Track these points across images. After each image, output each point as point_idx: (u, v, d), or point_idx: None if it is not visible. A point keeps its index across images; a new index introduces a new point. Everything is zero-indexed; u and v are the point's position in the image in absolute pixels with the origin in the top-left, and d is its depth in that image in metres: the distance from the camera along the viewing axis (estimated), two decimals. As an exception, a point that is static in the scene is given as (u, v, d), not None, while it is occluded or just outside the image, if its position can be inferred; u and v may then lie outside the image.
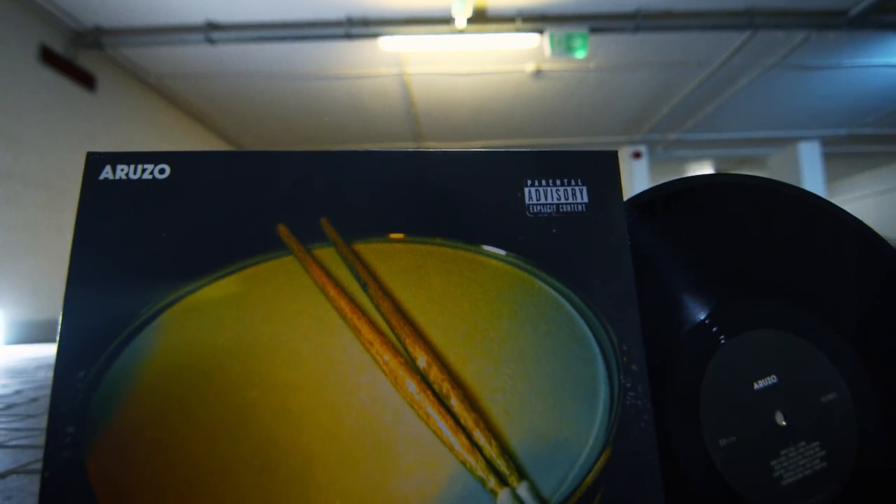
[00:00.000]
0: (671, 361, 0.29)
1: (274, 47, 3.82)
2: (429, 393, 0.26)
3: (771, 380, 0.29)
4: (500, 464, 0.25)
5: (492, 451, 0.25)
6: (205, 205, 0.28)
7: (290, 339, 0.26)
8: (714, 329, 0.30)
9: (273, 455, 0.25)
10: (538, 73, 4.47)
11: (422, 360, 0.26)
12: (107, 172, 0.28)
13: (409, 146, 6.13)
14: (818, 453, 0.29)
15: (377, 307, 0.27)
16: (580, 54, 3.59)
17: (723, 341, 0.29)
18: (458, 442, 0.25)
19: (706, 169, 8.47)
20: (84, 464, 0.25)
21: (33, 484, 0.68)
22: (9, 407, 1.16)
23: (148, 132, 4.41)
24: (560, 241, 0.29)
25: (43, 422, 1.02)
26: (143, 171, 0.29)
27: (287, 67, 4.20)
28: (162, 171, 0.28)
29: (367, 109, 5.11)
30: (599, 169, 0.30)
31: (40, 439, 0.90)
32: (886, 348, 0.30)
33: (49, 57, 3.31)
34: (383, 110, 5.17)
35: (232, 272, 0.27)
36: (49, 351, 2.50)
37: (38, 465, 0.73)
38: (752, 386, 0.29)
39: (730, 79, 4.71)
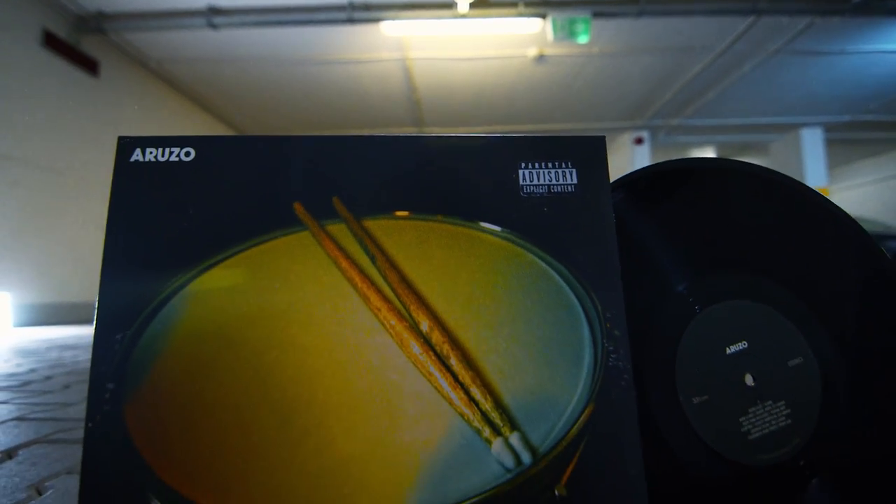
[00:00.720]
0: (651, 328, 0.32)
1: (275, 32, 3.80)
2: (431, 354, 0.29)
3: (742, 345, 0.32)
4: (495, 416, 0.28)
5: (487, 405, 0.28)
6: (227, 184, 0.31)
7: (305, 306, 0.29)
8: (690, 299, 0.33)
9: (291, 409, 0.28)
10: (540, 58, 4.44)
11: (424, 324, 0.29)
12: (137, 155, 0.31)
13: (411, 132, 6.11)
14: (783, 411, 0.32)
15: (384, 277, 0.30)
16: (583, 39, 3.57)
17: (698, 310, 0.32)
18: (457, 397, 0.28)
19: (708, 155, 8.43)
20: (123, 416, 0.28)
21: (55, 451, 0.72)
22: (26, 384, 1.20)
23: (150, 116, 4.41)
24: (551, 219, 0.31)
25: (58, 397, 1.06)
26: (171, 153, 0.31)
27: (289, 52, 4.19)
28: (188, 154, 0.31)
29: (368, 94, 5.09)
30: (588, 153, 0.33)
31: (57, 413, 0.94)
32: (851, 318, 0.33)
33: (52, 41, 3.31)
34: (385, 95, 5.15)
35: (252, 246, 0.30)
36: (57, 333, 2.54)
37: (59, 436, 0.77)
38: (725, 350, 0.32)
39: (733, 64, 4.68)
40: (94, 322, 0.29)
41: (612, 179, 0.34)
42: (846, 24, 3.91)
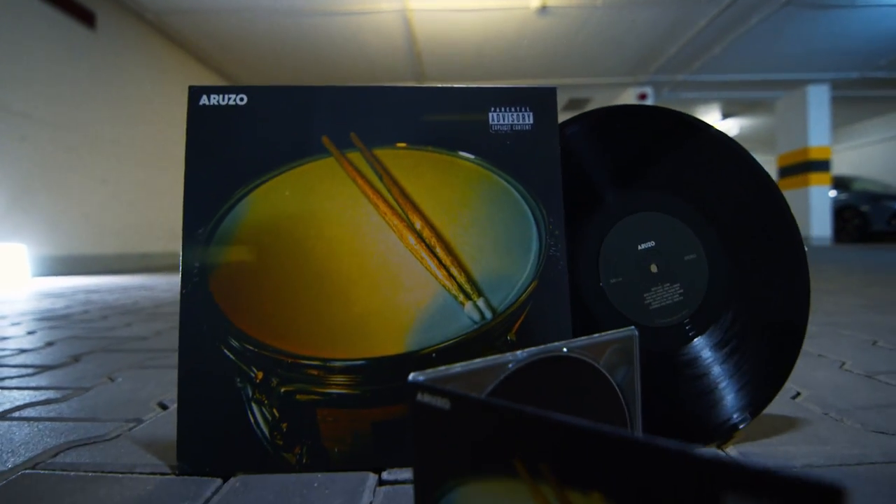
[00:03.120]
0: (583, 229, 0.44)
1: (273, -19, 3.74)
2: (422, 244, 0.41)
3: (650, 243, 0.44)
4: (467, 287, 0.40)
5: (461, 279, 0.40)
6: (272, 122, 0.42)
7: (333, 210, 0.41)
8: (614, 210, 0.44)
9: (324, 279, 0.40)
10: (543, 10, 4.36)
11: (418, 223, 0.41)
12: (203, 100, 0.42)
13: (412, 85, 6.06)
14: (678, 291, 0.44)
15: (389, 191, 0.41)
16: (586, -10, 3.50)
17: (620, 217, 0.44)
18: (441, 273, 0.40)
19: (713, 112, 8.35)
20: (207, 283, 0.40)
21: (111, 357, 0.86)
22: (67, 317, 1.34)
23: (148, 69, 4.40)
24: (512, 150, 0.43)
25: (100, 324, 1.20)
26: (228, 99, 0.42)
27: (287, 3, 4.12)
28: (241, 99, 0.42)
29: (368, 47, 5.03)
30: (542, 100, 0.43)
31: (104, 333, 1.08)
32: (734, 222, 0.45)
33: (48, -9, 3.28)
34: (385, 48, 5.09)
35: (293, 168, 0.41)
36: (75, 281, 2.69)
37: (112, 347, 0.91)
38: (637, 247, 0.44)
39: (740, 17, 4.58)
40: (183, 220, 0.41)
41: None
42: (855, -24, 3.82)
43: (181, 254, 0.41)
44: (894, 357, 0.73)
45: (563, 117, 0.48)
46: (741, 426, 0.42)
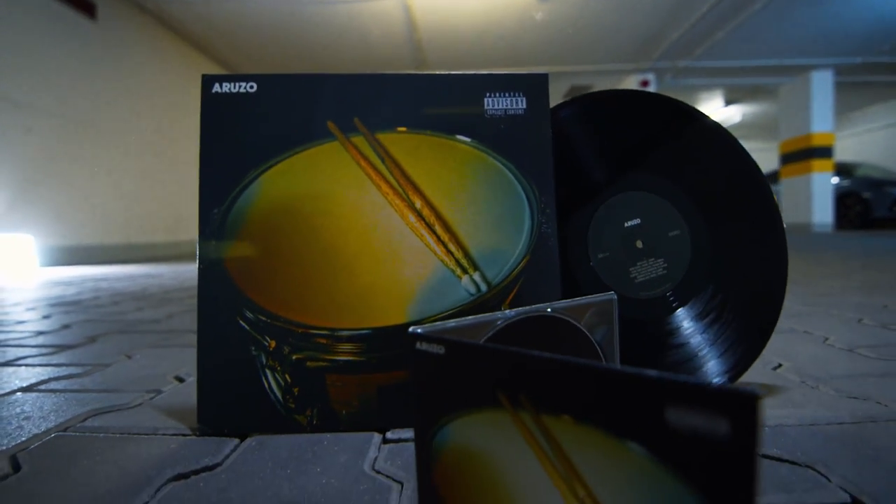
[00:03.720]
0: (573, 208, 0.47)
1: (273, -31, 3.72)
2: (422, 222, 0.44)
3: (636, 221, 0.47)
4: (464, 262, 0.43)
5: (458, 254, 0.43)
6: (281, 108, 0.44)
7: (339, 190, 0.44)
8: (603, 189, 0.47)
9: (331, 254, 0.43)
10: (544, -3, 4.33)
11: (418, 203, 0.44)
12: (216, 88, 0.45)
13: (412, 72, 6.04)
14: (662, 265, 0.47)
15: (390, 172, 0.44)
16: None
17: (608, 196, 0.46)
18: (439, 249, 0.43)
19: (716, 98, 8.29)
20: (224, 261, 0.43)
21: (126, 338, 0.89)
22: (78, 302, 1.38)
23: (150, 59, 4.40)
24: (506, 133, 0.45)
25: (112, 308, 1.24)
26: (239, 86, 0.45)
27: (287, -9, 4.10)
28: (252, 87, 0.44)
29: (369, 34, 5.01)
30: (534, 86, 0.46)
31: (116, 317, 1.12)
32: (716, 203, 0.47)
33: (48, -19, 3.28)
34: (386, 35, 5.07)
35: (301, 151, 0.44)
36: (82, 271, 2.73)
37: (126, 329, 0.95)
38: (624, 224, 0.46)
39: (743, 2, 4.55)
40: (199, 201, 0.44)
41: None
42: (860, -41, 3.77)
43: (198, 232, 0.44)
44: (877, 333, 0.76)
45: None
46: (720, 390, 0.45)
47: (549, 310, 0.28)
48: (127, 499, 0.33)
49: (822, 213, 6.45)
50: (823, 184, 6.44)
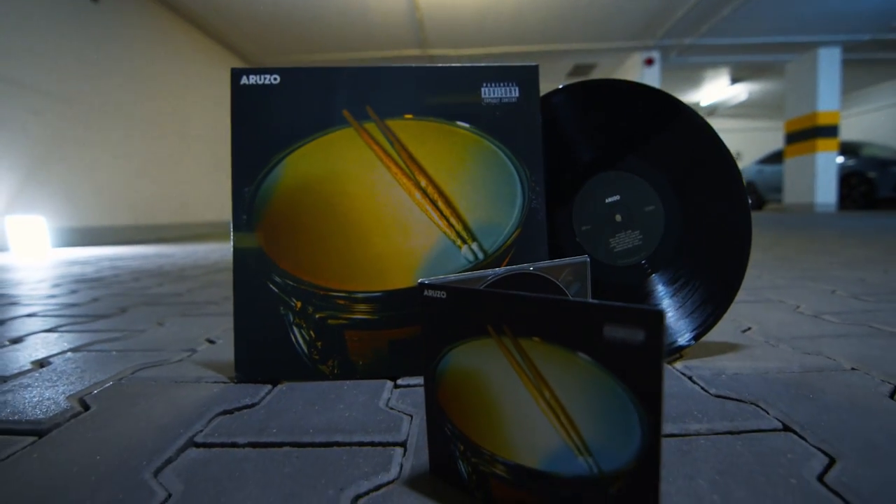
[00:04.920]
0: (560, 186, 0.53)
1: (274, -52, 3.69)
2: (426, 198, 0.50)
3: (616, 197, 0.53)
4: (463, 233, 0.50)
5: (459, 227, 0.50)
6: (301, 98, 0.50)
7: (354, 171, 0.50)
8: (587, 169, 0.53)
9: (348, 227, 0.49)
10: (548, -26, 4.28)
11: (423, 182, 0.50)
12: (244, 80, 0.50)
13: (414, 53, 6.01)
14: (638, 237, 0.53)
15: (398, 154, 0.50)
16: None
17: (593, 174, 0.52)
18: (442, 223, 0.50)
19: (722, 77, 8.21)
20: (255, 234, 0.50)
21: (152, 310, 0.96)
22: (100, 279, 1.45)
23: (151, 41, 4.41)
24: (501, 119, 0.51)
25: (133, 284, 1.31)
26: (264, 79, 0.50)
27: (288, -30, 4.08)
28: (275, 79, 0.50)
29: (370, 12, 4.97)
30: (527, 76, 0.51)
31: (141, 291, 1.19)
32: (688, 181, 0.53)
33: (50, -38, 3.28)
34: (387, 14, 5.04)
35: (320, 136, 0.50)
36: (93, 252, 2.81)
37: (150, 301, 1.02)
38: (605, 200, 0.52)
39: (750, -22, 4.48)
40: (231, 181, 0.50)
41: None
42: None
43: (231, 208, 0.50)
44: (846, 302, 0.83)
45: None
46: (686, 347, 0.52)
47: (531, 268, 0.34)
48: (185, 427, 0.40)
49: (826, 192, 6.45)
50: (828, 163, 6.42)
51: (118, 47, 3.98)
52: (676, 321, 0.52)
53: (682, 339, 0.52)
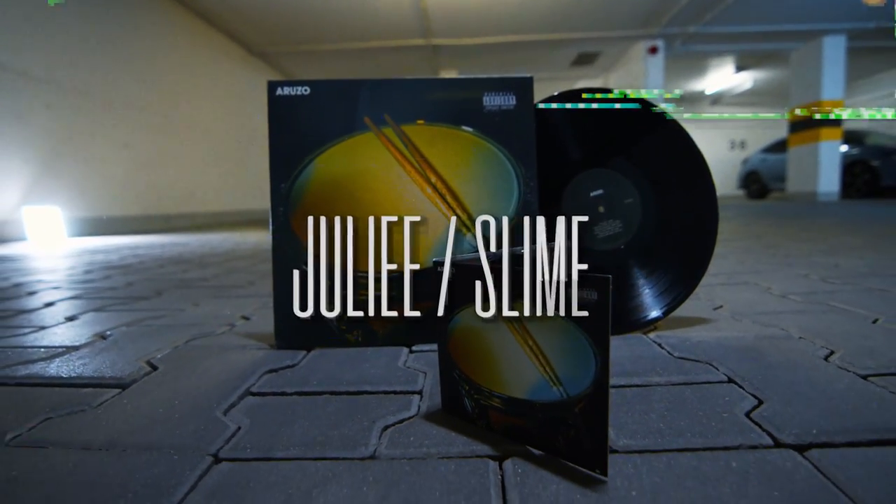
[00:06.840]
0: (553, 180, 0.61)
1: (279, -60, 3.72)
2: (436, 193, 0.58)
3: (599, 191, 0.61)
4: (468, 223, 0.58)
5: (464, 217, 0.58)
6: (328, 107, 0.59)
7: (374, 170, 0.58)
8: (576, 166, 0.61)
9: (370, 217, 0.58)
10: (551, -37, 4.30)
11: (433, 178, 0.59)
12: (279, 91, 0.59)
13: (419, 42, 6.04)
14: (619, 225, 0.61)
15: (412, 155, 0.59)
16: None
17: (580, 171, 0.61)
18: (449, 214, 0.58)
19: (726, 65, 8.18)
20: (290, 225, 0.58)
21: (185, 292, 1.05)
22: (127, 266, 1.54)
23: (160, 35, 4.47)
24: (499, 124, 0.59)
25: (159, 272, 1.40)
26: (296, 90, 0.59)
27: (293, -39, 4.11)
28: (305, 90, 0.59)
29: (376, 1, 5.01)
30: (522, 86, 0.60)
31: (169, 276, 1.28)
32: (664, 177, 0.62)
33: (60, -44, 3.34)
34: (392, 4, 5.07)
35: (344, 140, 0.58)
36: (108, 241, 2.91)
37: (182, 284, 1.11)
38: (590, 193, 0.61)
39: (754, -34, 4.48)
40: (270, 178, 0.58)
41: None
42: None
43: (270, 203, 0.59)
44: (814, 284, 0.91)
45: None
46: (658, 319, 0.60)
47: (521, 250, 0.43)
48: (241, 381, 0.50)
49: (829, 181, 6.47)
50: (831, 152, 6.43)
51: (127, 41, 4.04)
52: (648, 299, 0.61)
53: (654, 312, 0.60)
